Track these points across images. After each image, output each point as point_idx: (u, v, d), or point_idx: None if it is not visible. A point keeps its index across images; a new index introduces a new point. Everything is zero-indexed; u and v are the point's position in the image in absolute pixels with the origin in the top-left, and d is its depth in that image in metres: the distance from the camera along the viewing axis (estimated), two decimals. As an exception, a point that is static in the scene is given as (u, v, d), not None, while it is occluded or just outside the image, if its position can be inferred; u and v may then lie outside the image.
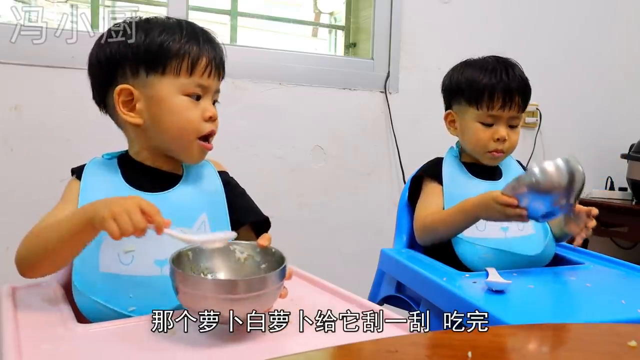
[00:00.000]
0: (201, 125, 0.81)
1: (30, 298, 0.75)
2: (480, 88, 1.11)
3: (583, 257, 1.14)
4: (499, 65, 1.12)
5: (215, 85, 0.84)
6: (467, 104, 1.14)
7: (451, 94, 1.19)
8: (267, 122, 1.76)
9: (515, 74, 1.11)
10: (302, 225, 1.80)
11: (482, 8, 2.09)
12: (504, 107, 1.10)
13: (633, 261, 1.08)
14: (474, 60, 1.17)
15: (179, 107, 0.79)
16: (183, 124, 0.80)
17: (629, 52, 2.42)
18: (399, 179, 1.96)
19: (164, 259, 0.75)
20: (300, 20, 2.13)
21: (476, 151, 1.15)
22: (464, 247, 1.06)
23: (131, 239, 0.72)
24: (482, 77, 1.11)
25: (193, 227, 0.81)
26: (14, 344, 0.58)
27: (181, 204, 0.82)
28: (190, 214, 0.82)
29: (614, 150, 2.27)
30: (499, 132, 1.11)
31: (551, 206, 0.91)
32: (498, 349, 0.52)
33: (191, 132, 0.81)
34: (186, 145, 0.82)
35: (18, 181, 1.45)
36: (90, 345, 0.60)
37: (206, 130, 0.82)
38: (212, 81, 0.82)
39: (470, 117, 1.14)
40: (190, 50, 0.79)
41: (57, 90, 1.47)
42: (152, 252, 0.76)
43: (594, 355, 0.51)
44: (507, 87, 1.09)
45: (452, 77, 1.19)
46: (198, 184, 0.86)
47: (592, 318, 0.77)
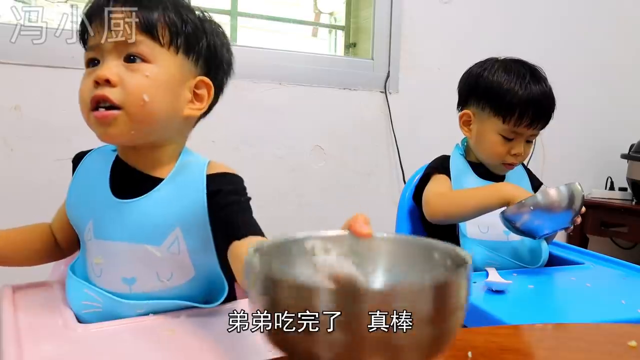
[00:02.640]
0: (89, 93, 0.67)
1: (30, 298, 0.75)
2: (512, 102, 1.05)
3: (583, 257, 1.14)
4: (533, 79, 1.07)
5: (110, 38, 0.66)
6: (492, 112, 1.08)
7: (476, 94, 1.12)
8: (267, 122, 1.76)
9: (547, 91, 1.08)
10: (302, 225, 1.80)
11: (482, 8, 2.09)
12: (530, 125, 1.07)
13: (633, 261, 1.08)
14: (505, 64, 1.11)
15: (80, 80, 0.70)
16: (79, 96, 0.69)
17: (628, 52, 2.42)
18: (399, 179, 1.96)
19: (130, 277, 0.69)
20: (300, 20, 2.13)
21: (489, 161, 1.14)
22: (469, 247, 1.05)
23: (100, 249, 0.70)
24: (517, 88, 1.05)
25: (162, 245, 0.69)
26: (14, 344, 0.58)
27: (152, 215, 0.69)
28: (161, 228, 0.69)
29: (614, 150, 2.27)
30: (517, 149, 1.09)
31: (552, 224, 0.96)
32: (498, 349, 0.52)
33: (84, 104, 0.68)
34: (88, 123, 0.69)
35: (18, 181, 1.45)
36: (90, 345, 0.60)
37: (94, 98, 0.66)
38: (99, 36, 0.67)
39: (492, 127, 1.09)
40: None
41: (57, 90, 1.47)
42: (119, 268, 0.70)
43: (594, 355, 0.51)
44: (539, 105, 1.06)
45: (479, 76, 1.12)
46: (178, 191, 0.71)
47: (592, 318, 0.76)
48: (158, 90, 0.68)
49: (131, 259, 0.69)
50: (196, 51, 0.72)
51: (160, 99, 0.68)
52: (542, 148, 2.23)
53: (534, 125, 1.08)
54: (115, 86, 0.66)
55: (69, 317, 0.67)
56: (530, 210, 0.92)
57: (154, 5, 0.68)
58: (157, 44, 0.68)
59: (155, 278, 0.70)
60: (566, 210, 0.93)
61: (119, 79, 0.66)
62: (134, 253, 0.69)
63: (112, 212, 0.70)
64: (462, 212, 1.03)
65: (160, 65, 0.68)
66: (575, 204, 0.93)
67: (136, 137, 0.69)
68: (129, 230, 0.69)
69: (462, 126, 1.16)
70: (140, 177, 0.72)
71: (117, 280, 0.69)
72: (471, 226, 1.07)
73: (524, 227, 0.95)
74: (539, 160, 2.21)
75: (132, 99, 0.66)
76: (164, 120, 0.70)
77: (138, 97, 0.66)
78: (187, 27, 0.71)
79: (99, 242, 0.70)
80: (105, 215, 0.71)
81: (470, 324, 0.79)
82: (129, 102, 0.66)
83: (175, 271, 0.70)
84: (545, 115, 1.08)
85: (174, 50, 0.70)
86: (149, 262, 0.69)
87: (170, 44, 0.69)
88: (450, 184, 1.11)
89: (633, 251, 2.43)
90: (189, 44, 0.71)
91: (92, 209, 0.72)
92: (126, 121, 0.67)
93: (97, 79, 0.66)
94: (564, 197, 0.92)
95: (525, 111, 1.05)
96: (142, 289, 0.69)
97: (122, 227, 0.69)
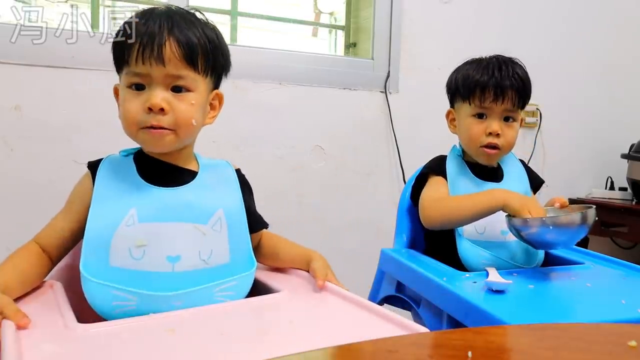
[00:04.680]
0: (140, 116, 0.77)
1: (30, 298, 0.75)
2: (472, 83, 1.10)
3: (583, 257, 1.14)
4: (495, 63, 1.11)
5: (161, 71, 0.76)
6: (461, 100, 1.14)
7: (451, 92, 1.20)
8: (267, 122, 1.76)
9: (509, 70, 1.10)
10: (302, 225, 1.80)
11: (482, 8, 2.09)
12: (495, 100, 1.09)
13: (633, 261, 1.08)
14: (473, 59, 1.17)
15: (121, 99, 0.80)
16: (124, 116, 0.78)
17: (628, 52, 2.42)
18: (399, 179, 1.96)
19: (175, 255, 0.76)
20: (300, 20, 2.13)
21: (470, 147, 1.14)
22: (466, 248, 1.05)
23: (145, 232, 0.75)
24: (475, 73, 1.11)
25: (208, 223, 0.80)
26: (14, 344, 0.57)
27: (196, 199, 0.81)
28: (206, 210, 0.81)
29: (614, 150, 2.27)
30: (491, 126, 1.09)
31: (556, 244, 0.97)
32: (498, 349, 0.52)
33: (134, 124, 0.78)
34: (135, 137, 0.80)
35: (18, 181, 1.45)
36: (90, 345, 0.60)
37: (147, 123, 0.77)
38: (150, 67, 0.75)
39: (465, 112, 1.14)
40: (131, 38, 0.76)
41: (57, 90, 1.47)
42: (165, 247, 0.76)
43: (594, 355, 0.51)
44: (498, 83, 1.08)
45: (452, 76, 1.20)
46: (214, 180, 0.85)
47: (592, 318, 0.76)
48: (198, 112, 0.81)
49: (178, 237, 0.77)
50: (217, 71, 0.84)
51: (199, 119, 0.82)
52: (542, 148, 2.23)
53: (499, 99, 1.08)
54: (167, 114, 0.77)
55: (69, 317, 0.67)
56: (536, 230, 0.93)
57: (193, 36, 0.78)
58: (197, 74, 0.80)
59: (197, 256, 0.77)
60: (574, 233, 0.94)
61: (170, 108, 0.77)
62: (182, 232, 0.77)
63: (156, 199, 0.79)
64: (457, 220, 1.05)
65: (198, 92, 0.81)
66: (585, 227, 0.93)
67: (176, 147, 0.82)
68: (178, 212, 0.78)
69: (449, 125, 1.21)
70: (175, 170, 0.84)
71: (161, 260, 0.75)
72: (467, 227, 1.08)
73: (528, 238, 0.96)
74: (539, 160, 2.21)
75: (182, 124, 0.79)
76: (197, 133, 0.86)
77: (188, 122, 0.79)
78: (214, 52, 0.82)
79: (144, 226, 0.76)
80: (149, 202, 0.78)
81: (470, 324, 0.80)
82: (179, 126, 0.78)
83: (215, 249, 0.79)
84: (509, 89, 1.08)
85: (204, 75, 0.82)
86: (194, 240, 0.78)
87: (204, 72, 0.81)
88: (446, 186, 1.11)
89: (633, 251, 2.43)
90: (214, 68, 0.83)
91: (131, 199, 0.78)
92: (174, 138, 0.79)
93: (152, 107, 0.76)
94: (574, 221, 0.93)
95: (486, 87, 1.09)
96: (184, 267, 0.76)
97: (171, 210, 0.78)
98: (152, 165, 0.83)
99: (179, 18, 0.79)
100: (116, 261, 0.74)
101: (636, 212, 2.08)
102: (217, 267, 0.79)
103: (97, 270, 0.73)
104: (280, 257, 0.95)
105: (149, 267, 0.74)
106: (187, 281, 0.75)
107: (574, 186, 2.34)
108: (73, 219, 0.81)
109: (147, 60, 0.75)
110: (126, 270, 0.74)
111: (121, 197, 0.78)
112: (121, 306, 0.72)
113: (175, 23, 0.77)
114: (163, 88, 0.77)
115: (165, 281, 0.74)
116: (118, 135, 0.86)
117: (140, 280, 0.73)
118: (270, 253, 0.95)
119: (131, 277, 0.73)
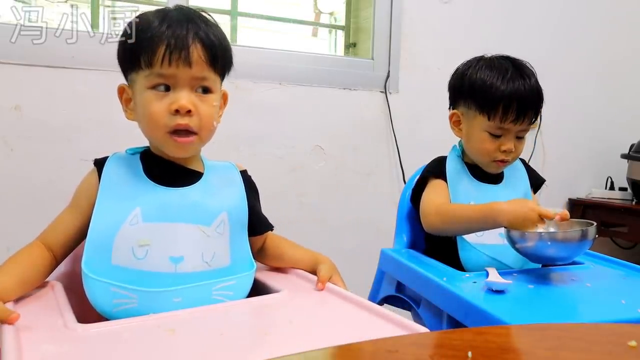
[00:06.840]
0: (166, 118, 0.77)
1: (30, 298, 0.75)
2: (495, 98, 1.04)
3: (583, 257, 1.14)
4: (516, 74, 1.05)
5: (187, 73, 0.76)
6: (477, 110, 1.07)
7: (461, 94, 1.12)
8: (267, 122, 1.76)
9: (532, 85, 1.05)
10: (302, 225, 1.80)
11: (482, 8, 2.09)
12: (516, 121, 1.04)
13: (633, 261, 1.08)
14: (489, 61, 1.10)
15: (144, 101, 0.78)
16: (148, 118, 0.77)
17: (628, 52, 2.42)
18: (399, 179, 1.96)
19: (178, 256, 0.76)
20: (300, 20, 2.13)
21: (480, 159, 1.12)
22: (466, 249, 1.05)
23: (149, 231, 0.75)
24: (499, 84, 1.04)
25: (212, 226, 0.80)
26: (14, 344, 0.57)
27: (201, 200, 0.81)
28: (210, 212, 0.81)
29: (614, 150, 2.27)
30: (506, 145, 1.07)
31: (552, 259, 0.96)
32: (498, 349, 0.52)
33: (159, 126, 0.77)
34: (160, 141, 0.80)
35: (18, 181, 1.45)
36: (90, 346, 0.60)
37: (173, 124, 0.77)
38: (177, 69, 0.75)
39: (479, 125, 1.08)
40: (152, 40, 0.75)
41: (57, 90, 1.47)
42: (168, 248, 0.76)
43: (594, 355, 0.51)
44: (522, 100, 1.03)
45: (464, 75, 1.11)
46: (219, 182, 0.85)
47: (592, 318, 0.76)
48: (217, 113, 0.83)
49: (182, 238, 0.77)
50: (227, 71, 0.85)
51: (217, 121, 0.84)
52: (542, 148, 2.23)
53: (519, 120, 1.05)
54: (193, 115, 0.78)
55: (69, 317, 0.67)
56: (533, 244, 0.92)
57: (214, 38, 0.79)
58: (216, 75, 0.81)
59: (200, 258, 0.78)
60: (573, 250, 0.92)
61: (196, 109, 0.78)
62: (186, 233, 0.78)
63: (161, 199, 0.79)
64: (457, 231, 1.05)
65: (216, 93, 0.82)
66: (585, 244, 0.91)
67: (198, 151, 0.85)
68: (182, 213, 0.79)
69: (452, 126, 1.16)
70: (181, 170, 0.84)
71: (164, 260, 0.75)
72: None
73: (524, 252, 0.95)
74: (539, 160, 2.21)
75: (205, 126, 0.79)
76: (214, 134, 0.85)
77: (210, 124, 0.80)
78: (227, 53, 0.82)
79: (148, 225, 0.76)
80: (154, 202, 0.78)
81: (470, 324, 0.80)
82: (202, 128, 0.79)
83: (217, 252, 0.80)
84: (530, 109, 1.05)
85: (220, 76, 0.83)
86: (197, 242, 0.78)
87: (221, 73, 0.83)
88: (447, 189, 1.10)
89: (633, 251, 2.43)
90: (225, 68, 0.84)
91: (135, 198, 0.78)
92: (197, 142, 0.81)
93: (180, 108, 0.76)
94: (573, 238, 0.91)
95: (509, 106, 1.04)
96: (186, 269, 0.76)
97: (176, 211, 0.78)
98: (158, 164, 0.83)
99: (198, 20, 0.79)
100: (118, 260, 0.74)
101: (636, 212, 2.08)
102: (218, 270, 0.79)
103: (99, 268, 0.73)
104: (285, 259, 0.95)
105: (151, 267, 0.75)
106: (188, 282, 0.76)
107: (574, 186, 2.34)
108: (79, 216, 0.81)
109: (174, 62, 0.75)
110: (128, 269, 0.74)
111: (126, 195, 0.78)
112: (122, 304, 0.72)
113: (197, 25, 0.78)
114: (189, 90, 0.78)
115: (166, 281, 0.74)
116: (118, 135, 0.86)
117: (141, 280, 0.73)
118: (275, 255, 0.96)
119: (133, 276, 0.74)
